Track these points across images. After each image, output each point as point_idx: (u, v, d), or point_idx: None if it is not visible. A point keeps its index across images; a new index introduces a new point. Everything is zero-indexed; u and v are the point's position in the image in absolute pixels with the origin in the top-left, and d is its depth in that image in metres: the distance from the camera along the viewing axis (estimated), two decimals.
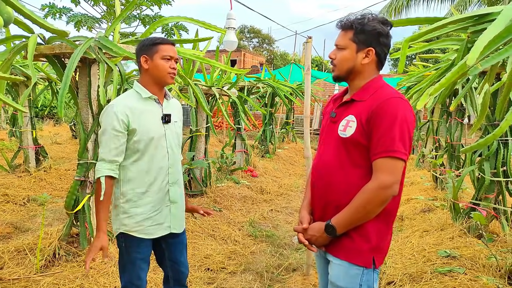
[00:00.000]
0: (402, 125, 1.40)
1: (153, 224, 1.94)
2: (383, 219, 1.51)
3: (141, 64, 1.89)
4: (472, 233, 3.61)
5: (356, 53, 1.51)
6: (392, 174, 1.40)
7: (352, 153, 1.50)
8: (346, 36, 1.53)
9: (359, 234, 1.49)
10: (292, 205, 5.44)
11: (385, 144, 1.40)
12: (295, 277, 3.23)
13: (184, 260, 2.15)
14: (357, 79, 1.56)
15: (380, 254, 1.53)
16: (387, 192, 1.41)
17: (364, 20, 1.49)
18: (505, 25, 1.59)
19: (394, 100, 1.43)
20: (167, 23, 3.02)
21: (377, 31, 1.49)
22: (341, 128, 1.52)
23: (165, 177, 1.96)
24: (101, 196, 1.79)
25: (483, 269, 2.98)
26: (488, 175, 3.59)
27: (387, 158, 1.40)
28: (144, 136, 1.87)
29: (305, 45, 2.91)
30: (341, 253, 1.52)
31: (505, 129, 1.72)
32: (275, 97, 8.19)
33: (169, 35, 8.84)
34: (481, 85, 2.57)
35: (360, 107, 1.50)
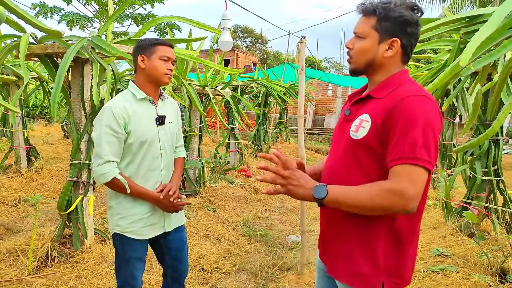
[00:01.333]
0: (425, 127, 1.16)
1: (146, 225, 1.93)
2: (394, 242, 1.28)
3: (138, 63, 1.88)
4: (464, 231, 3.65)
5: (378, 44, 1.28)
6: (413, 184, 1.13)
7: (361, 159, 1.28)
8: (367, 23, 1.29)
9: (367, 260, 1.29)
10: (286, 205, 5.45)
11: (404, 149, 1.15)
12: (289, 277, 3.24)
13: (184, 258, 2.15)
14: (378, 74, 1.33)
15: (392, 278, 1.29)
16: (401, 202, 1.13)
17: (390, 5, 1.26)
18: (496, 27, 1.62)
19: (415, 98, 1.19)
20: (160, 22, 3.00)
21: (404, 19, 1.25)
22: (353, 129, 1.30)
23: (158, 178, 1.96)
24: (127, 190, 1.82)
25: (475, 267, 3.02)
26: (480, 174, 3.63)
27: (406, 165, 1.15)
28: (137, 138, 1.86)
29: (299, 45, 2.92)
30: (345, 279, 1.35)
31: (497, 129, 1.75)
32: (269, 96, 8.20)
33: (161, 34, 8.81)
34: (473, 85, 2.60)
35: (376, 106, 1.27)
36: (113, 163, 1.83)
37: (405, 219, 1.28)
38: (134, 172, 1.89)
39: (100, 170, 1.81)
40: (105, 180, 1.81)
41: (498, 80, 2.18)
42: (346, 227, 1.33)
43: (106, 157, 1.80)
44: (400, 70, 1.32)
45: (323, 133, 15.35)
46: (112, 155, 1.81)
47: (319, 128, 16.68)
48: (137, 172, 1.89)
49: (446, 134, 5.42)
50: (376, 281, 1.28)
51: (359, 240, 1.30)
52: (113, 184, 1.82)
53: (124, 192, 1.84)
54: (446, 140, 5.43)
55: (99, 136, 1.82)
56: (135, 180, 1.89)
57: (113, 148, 1.82)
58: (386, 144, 1.21)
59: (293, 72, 11.14)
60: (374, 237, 1.28)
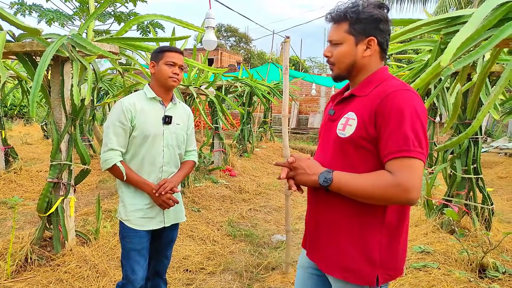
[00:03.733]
0: (413, 119, 1.20)
1: (144, 216, 2.04)
2: (387, 235, 1.31)
3: (149, 69, 2.09)
4: (445, 228, 3.73)
5: (356, 46, 1.32)
6: (413, 175, 1.17)
7: (351, 157, 1.31)
8: (340, 29, 1.33)
9: (361, 254, 1.31)
10: (270, 204, 5.45)
11: (398, 143, 1.19)
12: (274, 276, 3.24)
13: (170, 254, 2.29)
14: (360, 74, 1.37)
15: (386, 270, 1.32)
16: (404, 194, 1.17)
17: (359, 7, 1.31)
18: (476, 28, 1.65)
19: (402, 93, 1.24)
20: (143, 21, 2.96)
21: (375, 17, 1.30)
22: (340, 127, 1.33)
23: (158, 173, 2.07)
24: (124, 177, 1.97)
25: (456, 263, 3.08)
26: (460, 172, 3.71)
27: (404, 158, 1.19)
28: (141, 132, 2.01)
29: (283, 45, 2.92)
30: (340, 274, 1.35)
31: (477, 128, 1.79)
32: (253, 96, 8.20)
33: (144, 33, 8.70)
34: (453, 85, 2.65)
35: (361, 103, 1.31)
36: (117, 151, 1.99)
37: (395, 211, 1.31)
38: (137, 165, 2.03)
39: (104, 157, 1.99)
40: (107, 165, 1.98)
41: (478, 80, 2.22)
42: (337, 223, 1.35)
43: (111, 145, 1.98)
44: (380, 68, 1.37)
45: (307, 132, 15.44)
46: (116, 144, 1.99)
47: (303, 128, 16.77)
48: (140, 165, 2.04)
49: (427, 133, 5.53)
50: (371, 274, 1.30)
51: (352, 235, 1.32)
52: (115, 171, 1.98)
53: (122, 179, 1.99)
54: None
55: (108, 127, 2.00)
56: (139, 173, 2.03)
57: (119, 139, 1.99)
58: (376, 138, 1.25)
59: (277, 71, 11.16)
60: (366, 231, 1.31)
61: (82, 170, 3.16)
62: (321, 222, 1.41)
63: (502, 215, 5.07)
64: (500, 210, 5.19)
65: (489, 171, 8.53)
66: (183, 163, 2.23)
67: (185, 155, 2.25)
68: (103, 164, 2.00)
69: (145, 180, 2.02)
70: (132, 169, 2.03)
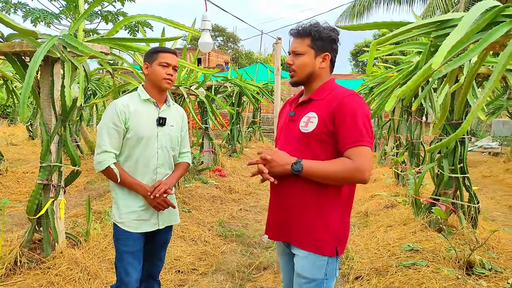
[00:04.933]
0: (363, 118, 1.54)
1: (138, 218, 2.04)
2: (342, 213, 1.63)
3: (143, 70, 2.07)
4: (433, 227, 3.80)
5: (315, 58, 1.62)
6: (367, 160, 1.50)
7: (312, 146, 1.58)
8: (303, 43, 1.62)
9: (324, 227, 1.59)
10: (261, 204, 5.47)
11: (355, 135, 1.51)
12: (266, 276, 3.26)
13: (164, 256, 2.29)
14: (314, 82, 1.67)
15: (341, 243, 1.64)
16: (359, 176, 1.49)
17: (320, 28, 1.61)
18: (465, 32, 1.69)
19: (353, 97, 1.56)
20: (134, 21, 2.94)
21: (332, 38, 1.63)
22: (302, 125, 1.61)
23: (152, 175, 2.06)
24: (117, 179, 1.97)
25: (444, 261, 3.15)
26: (447, 172, 3.78)
27: (359, 147, 1.50)
28: (135, 134, 2.00)
29: (275, 46, 2.94)
30: (307, 246, 1.61)
31: (466, 129, 1.82)
32: (242, 96, 8.20)
33: (132, 32, 8.62)
34: (442, 87, 2.71)
35: (320, 105, 1.60)
36: (111, 153, 1.98)
37: (347, 192, 1.63)
38: (131, 167, 2.02)
39: (98, 159, 1.97)
40: (101, 167, 1.96)
41: (465, 82, 2.27)
42: (304, 205, 1.61)
43: (104, 147, 1.96)
44: (330, 78, 1.70)
45: None
46: (110, 146, 1.97)
47: None
48: (134, 167, 2.03)
49: (415, 133, 5.60)
50: (331, 246, 1.60)
51: (317, 214, 1.60)
52: (108, 173, 1.97)
53: (116, 181, 1.98)
54: (415, 139, 5.61)
55: (102, 128, 1.99)
56: (133, 175, 2.02)
57: (113, 140, 1.98)
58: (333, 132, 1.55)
59: (265, 71, 11.19)
60: (327, 209, 1.60)
61: (72, 171, 3.12)
62: (290, 206, 1.65)
63: (487, 213, 5.19)
64: (485, 208, 5.31)
65: (474, 170, 8.69)
66: (177, 164, 2.23)
67: (179, 156, 2.24)
68: (96, 166, 1.98)
69: (139, 182, 2.01)
70: (126, 171, 2.01)
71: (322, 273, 1.60)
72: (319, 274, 1.60)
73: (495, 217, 5.29)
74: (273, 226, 1.75)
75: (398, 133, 6.72)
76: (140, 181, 2.02)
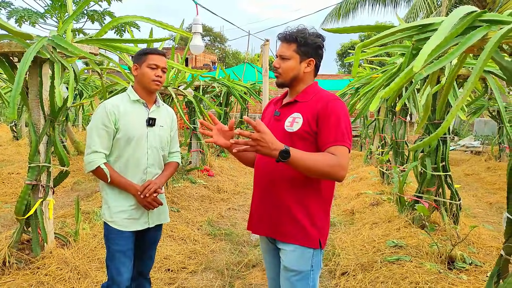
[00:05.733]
0: (345, 121, 1.65)
1: (129, 217, 2.07)
2: (324, 208, 1.74)
3: (132, 71, 2.10)
4: (416, 223, 3.91)
5: (300, 63, 1.71)
6: (345, 158, 1.60)
7: (297, 144, 1.65)
8: (290, 48, 1.71)
9: (308, 221, 1.69)
10: (249, 203, 5.50)
11: (337, 136, 1.61)
12: (254, 273, 3.32)
13: (154, 254, 2.33)
14: (299, 85, 1.76)
15: (324, 237, 1.75)
16: (339, 171, 1.57)
17: (306, 34, 1.69)
18: (444, 36, 1.78)
19: (335, 102, 1.68)
20: (123, 22, 2.96)
21: (317, 44, 1.71)
22: (287, 124, 1.71)
23: (142, 175, 2.10)
24: (108, 179, 1.99)
25: (427, 256, 3.25)
26: (430, 170, 3.90)
27: (339, 146, 1.61)
28: (125, 135, 2.03)
29: (263, 48, 3.00)
30: (294, 240, 1.70)
31: (446, 128, 1.91)
32: (230, 96, 8.24)
33: (119, 33, 8.58)
34: (424, 88, 2.81)
35: (304, 107, 1.70)
36: (101, 154, 2.00)
37: (328, 189, 1.74)
38: (122, 167, 2.05)
39: (88, 159, 2.00)
40: (91, 168, 1.99)
41: (446, 84, 2.37)
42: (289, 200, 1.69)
43: (94, 147, 1.99)
44: (313, 82, 1.79)
45: None
46: (100, 147, 2.00)
47: None
48: (124, 167, 2.06)
49: (399, 132, 5.72)
50: (317, 240, 1.70)
51: (301, 210, 1.69)
52: (98, 173, 2.00)
53: (106, 180, 2.00)
54: (399, 138, 5.74)
55: (92, 129, 2.01)
56: (123, 175, 2.05)
57: (103, 141, 2.00)
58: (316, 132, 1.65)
59: (253, 71, 11.24)
60: (311, 205, 1.70)
61: (61, 172, 3.13)
62: (276, 203, 1.73)
63: (469, 210, 5.35)
64: (467, 205, 5.47)
65: (456, 169, 8.91)
66: (167, 164, 2.26)
67: (168, 156, 2.28)
68: (86, 166, 2.01)
69: (130, 182, 2.04)
70: (117, 171, 2.04)
71: (308, 265, 1.70)
72: (306, 266, 1.70)
73: (476, 214, 5.45)
74: (256, 220, 1.84)
75: (383, 133, 6.85)
76: (131, 180, 2.05)
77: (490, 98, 7.40)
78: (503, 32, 1.75)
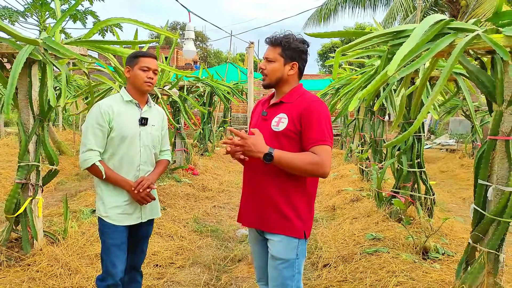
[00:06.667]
0: (326, 121, 1.78)
1: (122, 212, 2.16)
2: (307, 201, 1.88)
3: (125, 73, 2.21)
4: (393, 217, 4.11)
5: (284, 65, 1.84)
6: (328, 157, 1.73)
7: (283, 143, 1.79)
8: (275, 51, 1.84)
9: (294, 214, 1.83)
10: (233, 201, 5.65)
11: (319, 135, 1.74)
12: (241, 267, 3.45)
13: (146, 248, 2.42)
14: (284, 86, 1.89)
15: (308, 228, 1.89)
16: (322, 169, 1.71)
17: (290, 39, 1.83)
18: (416, 42, 1.95)
19: (317, 103, 1.81)
20: (111, 23, 3.04)
21: (300, 49, 1.85)
22: (274, 124, 1.83)
23: (136, 172, 2.20)
24: (103, 176, 2.09)
25: (403, 247, 3.45)
26: (406, 167, 4.11)
27: (322, 145, 1.74)
28: (119, 134, 2.12)
29: (248, 50, 3.13)
30: (281, 231, 1.84)
31: (417, 127, 2.09)
32: (213, 96, 8.33)
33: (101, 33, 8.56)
34: (399, 89, 2.99)
35: (289, 107, 1.83)
36: (95, 151, 2.09)
37: (312, 184, 1.88)
38: (116, 165, 2.15)
39: (83, 157, 2.08)
40: (86, 165, 2.08)
41: (419, 85, 2.56)
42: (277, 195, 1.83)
43: (89, 145, 2.08)
44: (298, 84, 1.92)
45: None
46: (95, 145, 2.09)
47: None
48: (118, 164, 2.15)
49: (377, 131, 5.94)
50: (301, 231, 1.85)
51: (287, 203, 1.83)
52: (94, 170, 2.09)
53: (101, 177, 2.10)
54: (377, 137, 5.96)
55: (87, 128, 2.10)
56: (117, 172, 2.14)
57: (97, 139, 2.09)
58: (300, 131, 1.77)
59: (235, 71, 11.35)
60: (296, 199, 1.84)
61: (50, 170, 3.18)
62: (264, 197, 1.86)
63: (443, 205, 5.62)
64: (441, 201, 5.74)
65: (432, 166, 9.25)
66: (158, 162, 2.36)
67: (159, 154, 2.38)
68: (82, 164, 2.10)
69: (124, 178, 2.14)
70: (111, 168, 2.14)
71: (294, 253, 1.84)
72: (292, 254, 1.84)
73: (450, 208, 5.73)
74: (246, 213, 1.98)
75: (362, 132, 7.07)
76: (125, 177, 2.15)
77: (464, 98, 7.74)
78: (468, 40, 1.95)
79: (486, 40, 1.86)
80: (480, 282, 2.30)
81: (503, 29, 1.93)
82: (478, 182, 2.34)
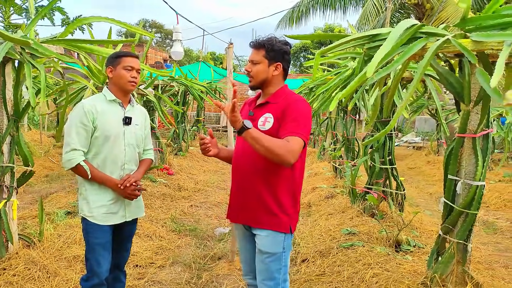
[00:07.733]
0: (305, 119, 1.85)
1: (107, 212, 2.16)
2: (293, 197, 1.95)
3: (107, 74, 2.20)
4: (367, 212, 4.28)
5: (268, 67, 1.92)
6: (297, 147, 1.77)
7: None
8: (259, 53, 1.92)
9: (280, 210, 1.90)
10: (210, 200, 5.67)
11: (295, 128, 1.81)
12: (221, 265, 3.49)
13: (130, 247, 2.43)
14: (269, 87, 1.96)
15: (294, 222, 1.97)
16: (288, 155, 1.73)
17: (273, 41, 1.91)
18: (391, 45, 2.06)
19: (300, 102, 1.90)
20: (87, 22, 3.00)
21: (283, 50, 1.94)
22: (260, 124, 1.90)
23: (120, 171, 2.21)
24: (88, 175, 2.09)
25: (377, 241, 3.60)
26: (378, 164, 4.28)
27: (295, 136, 1.78)
28: (103, 133, 2.13)
29: (227, 50, 3.17)
30: (268, 226, 1.91)
31: (393, 126, 2.21)
32: (187, 95, 8.29)
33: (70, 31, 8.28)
34: (373, 90, 3.12)
35: (275, 107, 1.91)
36: (79, 151, 2.09)
37: (297, 182, 1.96)
38: (100, 164, 2.15)
39: (67, 157, 2.07)
40: (70, 165, 2.07)
41: (392, 85, 2.69)
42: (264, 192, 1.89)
43: (73, 145, 2.07)
44: (283, 85, 2.00)
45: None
46: (79, 144, 2.09)
47: None
48: (102, 164, 2.15)
49: (350, 130, 6.12)
50: (288, 225, 1.92)
51: (274, 199, 1.90)
52: (78, 170, 2.09)
53: (87, 177, 2.09)
54: (350, 135, 6.14)
55: (71, 127, 2.09)
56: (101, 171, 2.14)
57: (81, 139, 2.09)
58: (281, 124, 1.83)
59: (208, 70, 11.33)
60: (282, 192, 1.91)
61: (25, 172, 3.11)
62: (252, 193, 1.93)
63: (412, 200, 5.88)
64: (410, 196, 5.99)
65: (401, 163, 9.61)
66: (142, 161, 2.38)
67: (143, 153, 2.40)
68: (66, 164, 2.08)
69: (109, 177, 2.14)
70: (95, 167, 2.13)
71: (280, 247, 1.92)
72: (278, 248, 1.92)
73: (418, 203, 6.00)
74: (234, 210, 2.05)
75: (335, 130, 7.25)
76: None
77: (430, 98, 8.09)
78: (439, 44, 2.08)
79: (455, 45, 2.00)
80: (450, 271, 2.45)
81: (470, 34, 2.08)
82: (448, 177, 2.49)
